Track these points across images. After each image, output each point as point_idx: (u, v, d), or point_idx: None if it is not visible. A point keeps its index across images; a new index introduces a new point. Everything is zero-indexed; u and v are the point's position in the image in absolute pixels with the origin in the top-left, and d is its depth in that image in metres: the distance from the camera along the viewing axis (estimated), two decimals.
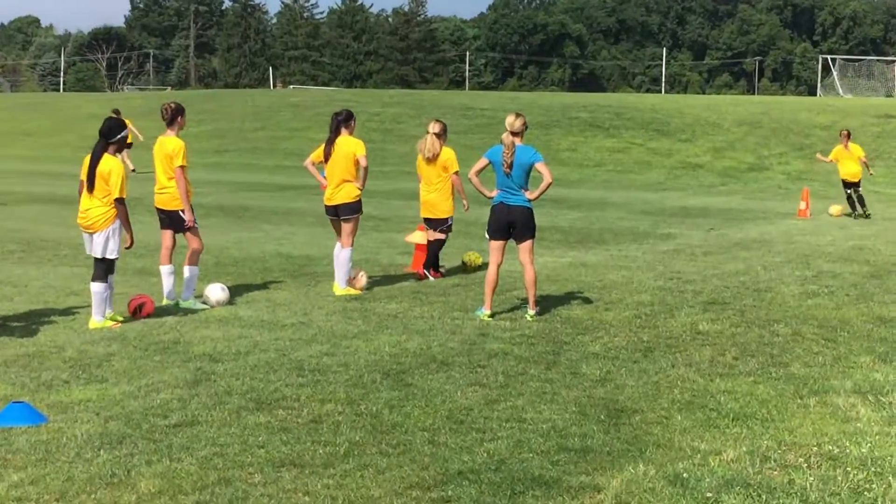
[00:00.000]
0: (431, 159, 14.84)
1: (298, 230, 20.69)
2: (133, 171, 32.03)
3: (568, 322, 11.77)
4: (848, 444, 7.41)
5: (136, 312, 12.00)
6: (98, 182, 11.31)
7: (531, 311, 12.02)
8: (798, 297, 13.53)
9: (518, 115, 12.04)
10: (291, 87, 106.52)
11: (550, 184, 11.84)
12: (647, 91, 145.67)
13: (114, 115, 12.56)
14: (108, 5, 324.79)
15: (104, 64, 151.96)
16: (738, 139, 43.47)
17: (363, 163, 13.56)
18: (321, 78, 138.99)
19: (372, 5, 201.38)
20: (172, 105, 12.88)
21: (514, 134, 11.89)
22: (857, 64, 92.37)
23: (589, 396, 8.66)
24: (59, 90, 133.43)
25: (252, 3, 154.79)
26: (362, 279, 14.00)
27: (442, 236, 15.15)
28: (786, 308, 12.73)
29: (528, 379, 9.22)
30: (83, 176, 11.44)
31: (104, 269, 11.51)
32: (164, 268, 12.98)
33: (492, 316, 11.98)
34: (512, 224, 11.97)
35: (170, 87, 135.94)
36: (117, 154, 11.59)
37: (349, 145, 13.70)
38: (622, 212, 25.57)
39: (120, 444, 7.35)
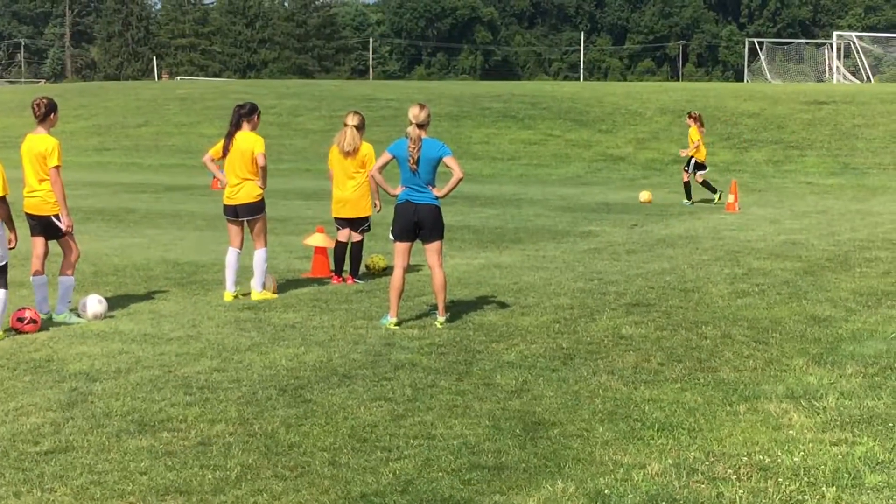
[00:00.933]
0: (351, 153, 14.76)
1: (186, 235, 20.45)
2: None
3: (481, 329, 11.76)
4: (780, 453, 7.48)
5: (21, 326, 11.77)
6: None
7: (441, 318, 11.99)
8: (727, 296, 13.68)
9: (423, 107, 12.00)
10: (178, 78, 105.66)
11: (461, 179, 11.82)
12: (565, 78, 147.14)
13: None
14: None
15: None
16: (661, 129, 43.96)
17: (261, 161, 13.55)
18: (211, 68, 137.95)
19: None
20: (45, 100, 12.67)
21: (419, 126, 11.85)
22: (785, 47, 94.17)
23: (503, 409, 8.64)
24: None
25: None
26: (272, 282, 14.14)
27: (360, 237, 15.10)
28: (714, 309, 12.86)
29: (437, 392, 9.18)
30: None
31: (3, 275, 11.45)
32: (35, 279, 12.70)
33: (398, 324, 11.93)
34: (419, 224, 11.93)
35: (44, 80, 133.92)
36: None
37: (248, 141, 13.66)
38: (539, 208, 25.68)
39: None
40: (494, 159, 40.77)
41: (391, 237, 12.18)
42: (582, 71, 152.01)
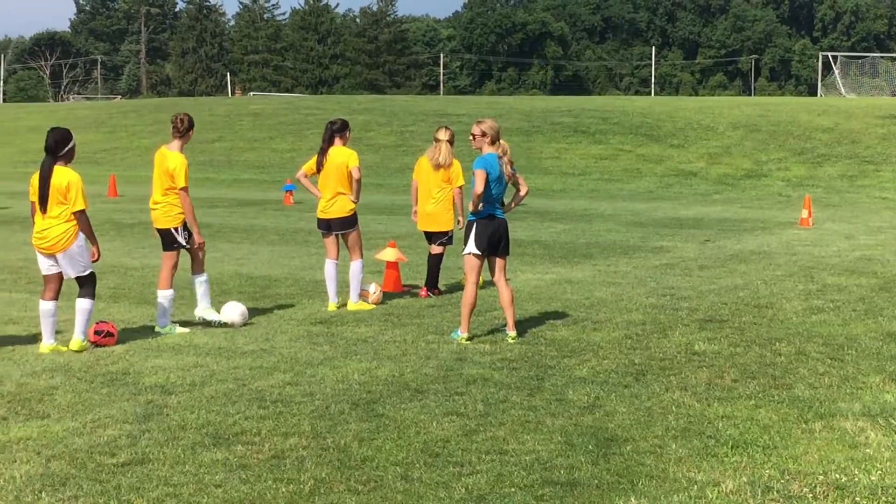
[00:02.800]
0: (445, 166, 14.90)
1: (260, 249, 20.61)
2: None
3: (553, 344, 11.72)
4: (856, 472, 7.38)
5: (101, 339, 11.93)
6: (53, 198, 11.32)
7: (511, 333, 11.97)
8: (801, 313, 13.53)
9: (479, 123, 12.03)
10: (251, 93, 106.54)
11: (527, 194, 11.89)
12: (636, 93, 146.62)
13: (58, 127, 12.41)
14: (52, 9, 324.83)
15: (48, 72, 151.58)
16: (733, 144, 43.63)
17: (356, 175, 13.88)
18: (283, 84, 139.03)
19: (338, 5, 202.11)
20: (187, 117, 13.09)
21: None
22: (860, 61, 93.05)
23: (576, 425, 8.61)
24: None
25: (208, 4, 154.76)
26: (378, 293, 14.44)
27: (440, 250, 15.17)
28: (788, 325, 12.73)
29: (509, 407, 9.16)
30: (33, 197, 11.46)
31: (91, 285, 11.69)
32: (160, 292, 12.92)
33: (470, 339, 11.93)
34: (501, 239, 11.98)
35: (119, 96, 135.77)
36: (67, 164, 11.51)
37: (342, 156, 13.98)
38: (610, 223, 25.58)
39: (63, 486, 7.26)
40: (565, 174, 40.69)
41: (473, 251, 11.99)
42: (653, 85, 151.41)
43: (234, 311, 13.10)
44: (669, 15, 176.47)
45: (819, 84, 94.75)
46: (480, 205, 11.86)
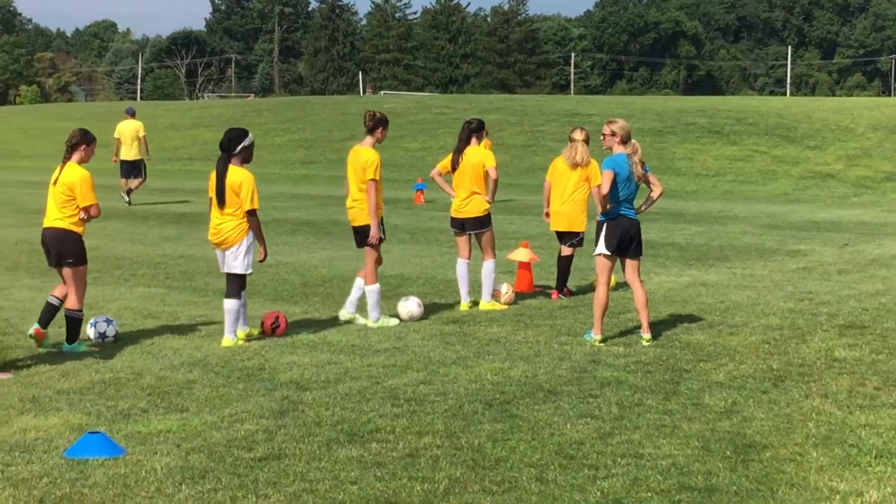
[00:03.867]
0: (582, 165, 14.85)
1: (391, 248, 20.71)
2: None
3: (688, 348, 11.60)
4: None
5: (273, 331, 12.28)
6: (228, 196, 11.60)
7: (646, 336, 11.88)
8: None
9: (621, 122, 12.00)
10: (382, 92, 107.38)
11: (663, 194, 11.84)
12: (771, 93, 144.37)
13: (234, 126, 12.64)
14: (188, 8, 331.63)
15: (183, 70, 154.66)
16: (873, 145, 42.67)
17: (493, 175, 13.97)
18: (414, 83, 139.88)
19: (469, 4, 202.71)
20: (377, 114, 13.20)
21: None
22: None
23: (713, 430, 8.51)
24: (135, 98, 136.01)
25: (340, 3, 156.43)
26: (510, 293, 14.48)
27: (570, 251, 15.11)
28: None
29: (644, 410, 9.09)
30: (211, 192, 11.81)
31: (239, 285, 11.85)
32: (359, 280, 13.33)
33: (603, 341, 11.86)
34: (631, 239, 11.90)
35: (253, 95, 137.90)
36: (244, 164, 11.81)
37: (478, 156, 14.08)
38: (745, 226, 25.22)
39: (202, 479, 7.40)
40: (699, 175, 40.22)
41: (602, 251, 11.97)
42: (788, 86, 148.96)
43: (410, 306, 13.37)
44: (806, 14, 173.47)
45: None
46: (609, 205, 11.81)
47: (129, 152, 30.44)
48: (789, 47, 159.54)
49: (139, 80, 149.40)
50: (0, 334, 12.29)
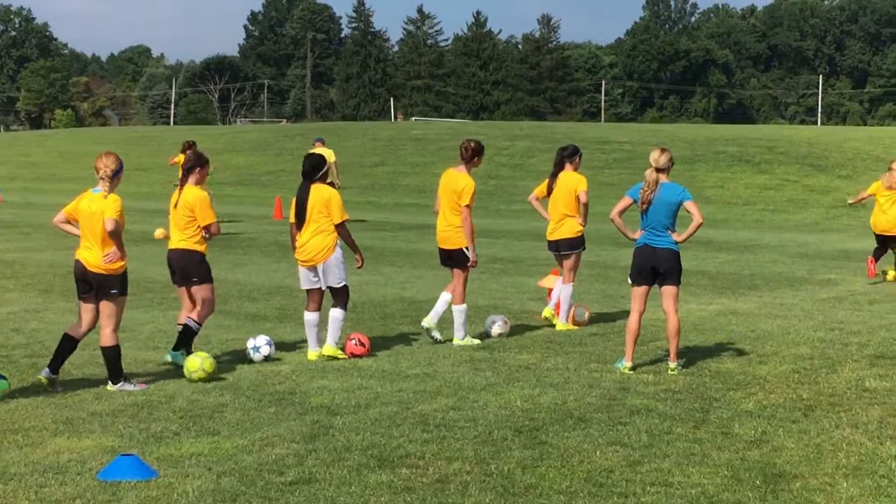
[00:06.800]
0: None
1: (423, 273, 20.78)
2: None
3: (717, 376, 11.58)
4: None
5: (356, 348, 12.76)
6: (315, 212, 12.30)
7: (672, 364, 11.86)
8: None
9: (663, 151, 11.95)
10: (413, 118, 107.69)
11: (700, 224, 11.79)
12: (802, 122, 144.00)
13: (313, 153, 13.14)
14: (222, 34, 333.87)
15: (216, 95, 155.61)
16: None
17: (583, 199, 14.59)
18: (445, 109, 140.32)
19: (500, 32, 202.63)
20: (473, 144, 13.70)
21: (658, 171, 11.81)
22: None
23: (743, 459, 8.49)
24: (169, 123, 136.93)
25: (373, 30, 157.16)
26: (585, 314, 15.02)
27: None
28: None
29: (674, 438, 9.07)
30: (292, 218, 12.48)
31: (344, 296, 12.59)
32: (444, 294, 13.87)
33: (633, 368, 11.85)
34: (656, 268, 11.88)
35: (285, 120, 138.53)
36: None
37: (571, 181, 14.69)
38: (776, 255, 25.15)
39: (233, 502, 7.43)
40: (729, 204, 40.17)
41: (629, 281, 12.15)
42: (819, 115, 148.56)
43: (498, 323, 14.08)
44: (838, 43, 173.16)
45: None
46: (637, 232, 11.93)
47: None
48: (820, 76, 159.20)
49: (173, 105, 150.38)
50: (35, 356, 12.40)
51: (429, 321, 13.67)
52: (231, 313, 15.74)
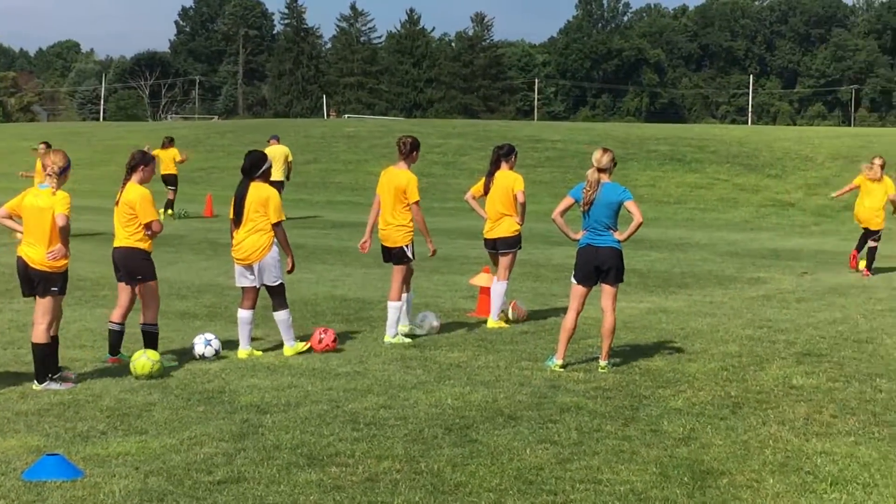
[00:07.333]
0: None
1: (353, 271, 20.74)
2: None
3: (647, 374, 11.66)
4: None
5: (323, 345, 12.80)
6: (251, 211, 12.31)
7: (602, 363, 11.94)
8: None
9: (606, 151, 12.08)
10: (346, 116, 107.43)
11: (640, 224, 11.95)
12: (733, 122, 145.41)
13: (254, 150, 13.20)
14: (153, 30, 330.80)
15: (147, 91, 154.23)
16: (833, 175, 43.04)
17: (521, 198, 14.76)
18: (378, 106, 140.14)
19: (433, 29, 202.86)
20: (410, 139, 13.96)
21: (600, 170, 11.91)
22: None
23: (671, 456, 8.56)
24: (99, 119, 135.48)
25: (305, 27, 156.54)
26: (521, 309, 15.18)
27: None
28: (889, 361, 12.53)
29: (603, 436, 9.13)
30: (231, 214, 12.52)
31: (281, 296, 12.52)
32: (406, 295, 14.05)
33: (564, 366, 11.91)
34: (600, 267, 11.95)
35: (217, 116, 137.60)
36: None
37: (509, 179, 14.86)
38: (706, 253, 25.38)
39: (161, 502, 7.38)
40: (660, 202, 40.45)
41: (573, 280, 12.16)
42: (750, 114, 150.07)
43: (429, 318, 14.20)
44: (768, 43, 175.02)
45: None
46: (579, 233, 11.96)
47: (276, 173, 32.08)
48: (751, 76, 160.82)
49: (102, 101, 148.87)
50: None
51: (402, 330, 13.76)
52: (161, 311, 15.56)
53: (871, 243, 21.93)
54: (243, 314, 12.60)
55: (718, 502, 7.48)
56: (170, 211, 33.34)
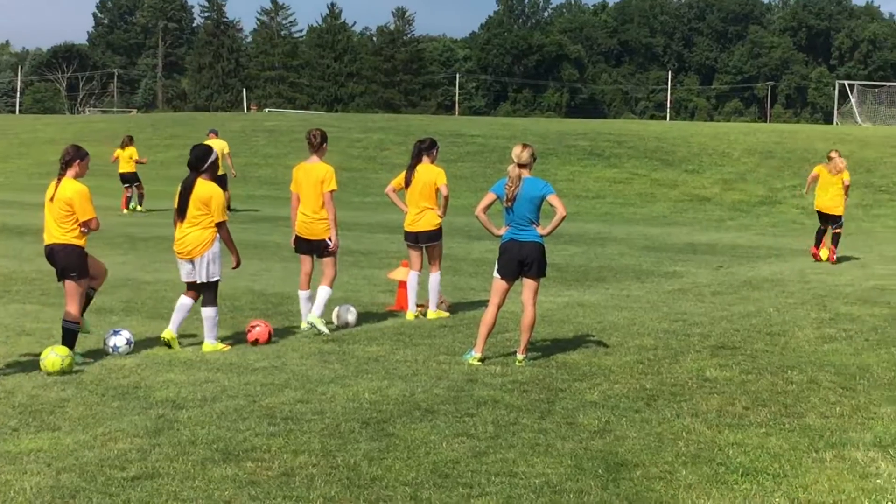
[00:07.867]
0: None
1: (272, 266, 20.65)
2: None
3: (564, 367, 11.73)
4: (867, 503, 7.37)
5: (255, 342, 12.78)
6: (193, 208, 12.23)
7: (519, 357, 11.99)
8: (814, 341, 13.52)
9: (525, 146, 12.15)
10: (267, 110, 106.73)
11: (564, 217, 11.97)
12: (651, 117, 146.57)
13: (199, 144, 13.14)
14: (70, 22, 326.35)
15: (65, 84, 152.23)
16: (748, 170, 43.62)
17: (444, 192, 14.86)
18: (299, 101, 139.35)
19: (354, 24, 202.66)
20: (319, 132, 14.03)
21: (521, 166, 11.97)
22: (876, 90, 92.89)
23: (586, 449, 8.62)
24: (14, 112, 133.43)
25: (225, 20, 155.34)
26: (445, 302, 15.43)
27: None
28: (800, 353, 12.72)
29: (519, 429, 9.17)
30: (175, 205, 12.38)
31: (213, 293, 12.49)
32: (302, 293, 14.10)
33: (482, 360, 11.94)
34: (523, 262, 12.00)
35: (135, 110, 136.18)
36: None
37: (431, 173, 14.96)
38: (623, 247, 25.59)
39: (73, 499, 7.29)
40: (579, 197, 40.70)
41: (496, 275, 12.19)
42: (668, 110, 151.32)
43: (347, 313, 14.31)
44: (686, 40, 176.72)
45: (835, 112, 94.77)
46: (502, 228, 12.01)
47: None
48: (669, 72, 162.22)
49: (18, 94, 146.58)
50: None
51: (310, 320, 13.74)
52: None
53: (834, 230, 23.06)
54: (184, 300, 12.66)
55: (632, 494, 7.54)
56: (139, 207, 32.81)
